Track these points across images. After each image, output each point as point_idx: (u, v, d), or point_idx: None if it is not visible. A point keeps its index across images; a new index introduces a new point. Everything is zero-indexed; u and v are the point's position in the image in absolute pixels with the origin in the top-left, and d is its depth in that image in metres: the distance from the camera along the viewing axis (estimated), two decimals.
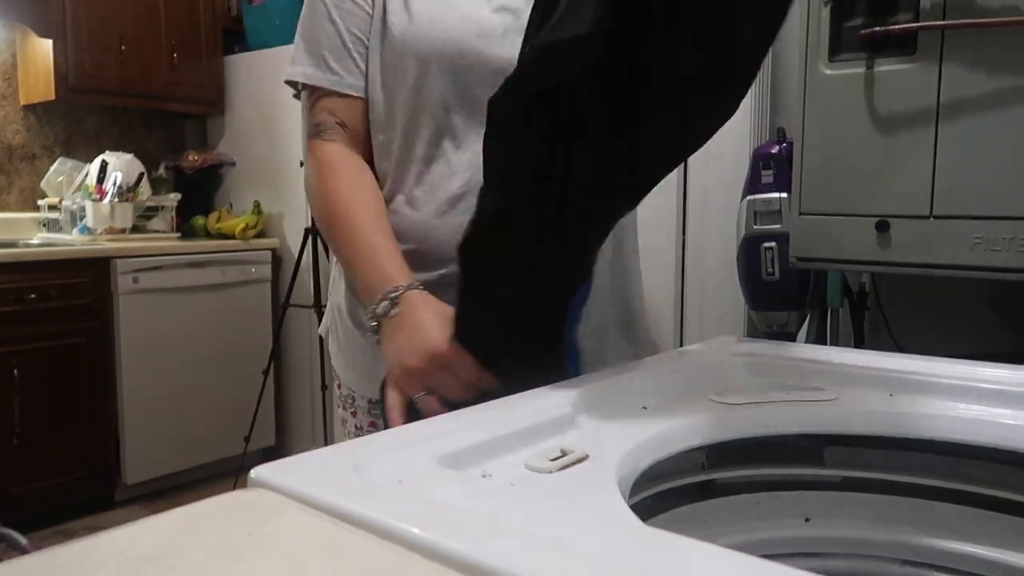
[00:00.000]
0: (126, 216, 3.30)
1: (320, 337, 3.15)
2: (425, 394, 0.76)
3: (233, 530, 0.41)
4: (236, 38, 3.67)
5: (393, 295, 0.81)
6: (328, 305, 1.09)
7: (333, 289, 1.07)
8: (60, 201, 3.34)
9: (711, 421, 0.64)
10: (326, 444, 0.70)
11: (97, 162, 3.30)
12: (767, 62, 2.35)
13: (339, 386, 1.07)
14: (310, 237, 3.06)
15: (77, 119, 3.52)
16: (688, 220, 2.46)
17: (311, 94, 0.96)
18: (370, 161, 0.97)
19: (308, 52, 0.95)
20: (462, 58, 0.90)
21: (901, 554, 0.67)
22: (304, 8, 0.97)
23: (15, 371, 2.68)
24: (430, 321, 0.77)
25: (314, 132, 0.94)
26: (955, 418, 0.65)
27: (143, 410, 3.02)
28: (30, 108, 3.35)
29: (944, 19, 1.57)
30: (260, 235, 3.46)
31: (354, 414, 1.04)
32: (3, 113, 3.30)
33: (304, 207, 3.15)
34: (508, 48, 0.88)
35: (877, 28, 1.64)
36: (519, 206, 0.66)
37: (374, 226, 0.88)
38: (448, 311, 0.77)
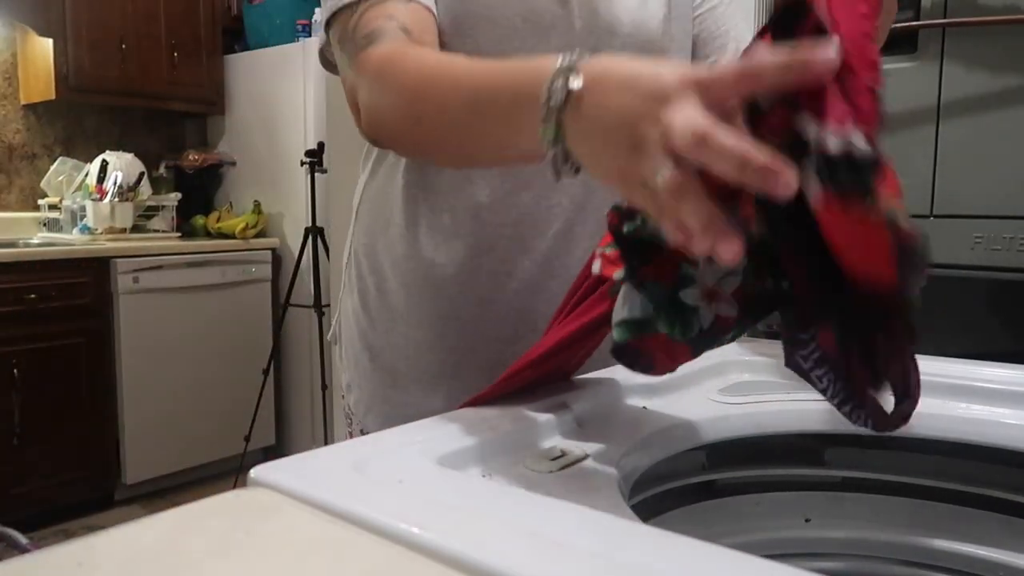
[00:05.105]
0: (126, 216, 3.30)
1: (320, 336, 3.14)
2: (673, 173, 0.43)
3: (233, 529, 0.41)
4: (236, 37, 3.67)
5: (566, 65, 0.51)
6: (338, 314, 1.01)
7: (344, 297, 0.97)
8: (60, 201, 3.34)
9: (711, 421, 0.64)
10: (326, 444, 0.70)
11: (97, 162, 3.30)
12: None
13: (343, 396, 0.99)
14: (310, 237, 3.06)
15: (77, 118, 3.52)
16: None
17: (354, 11, 0.74)
18: None
19: None
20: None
21: (901, 554, 0.67)
22: None
23: (15, 371, 2.68)
24: (644, 64, 0.48)
25: (364, 44, 0.72)
26: (955, 418, 0.65)
27: (143, 410, 3.02)
28: (30, 107, 3.35)
29: (945, 18, 1.57)
30: (260, 235, 3.46)
31: (350, 435, 0.96)
32: (3, 112, 3.30)
33: (304, 206, 3.15)
34: None
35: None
36: None
37: (485, 63, 0.63)
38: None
